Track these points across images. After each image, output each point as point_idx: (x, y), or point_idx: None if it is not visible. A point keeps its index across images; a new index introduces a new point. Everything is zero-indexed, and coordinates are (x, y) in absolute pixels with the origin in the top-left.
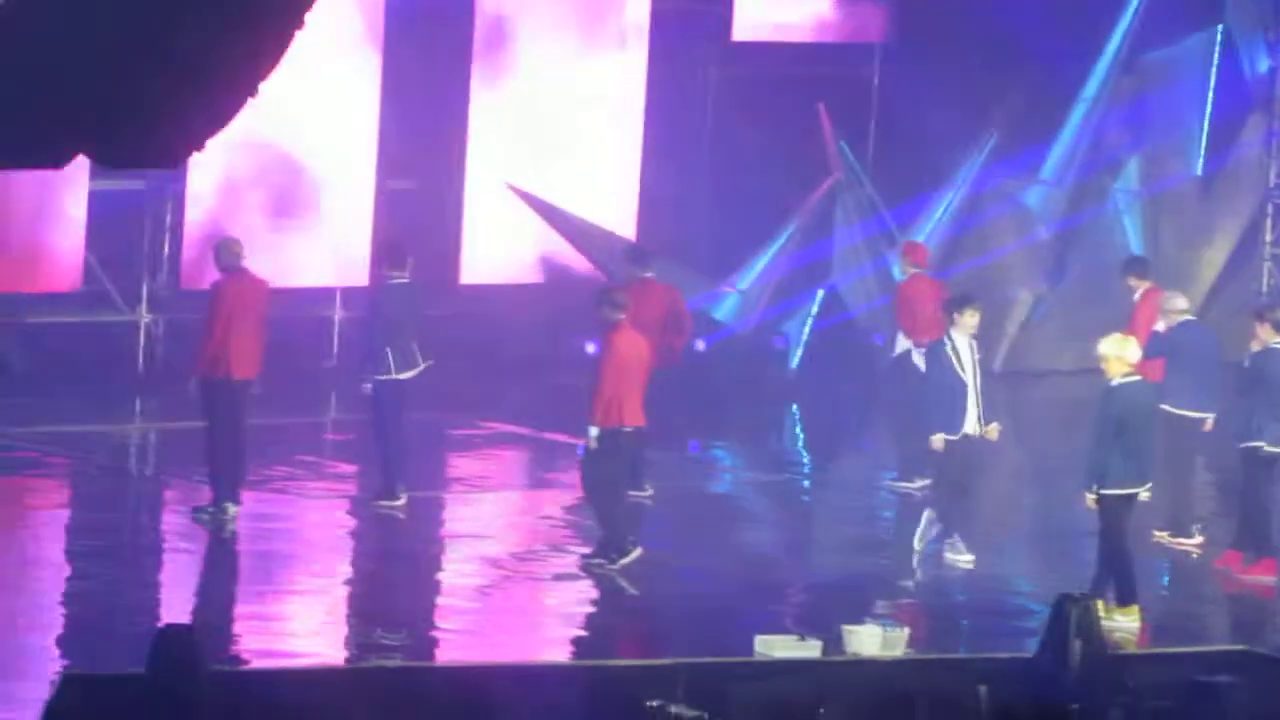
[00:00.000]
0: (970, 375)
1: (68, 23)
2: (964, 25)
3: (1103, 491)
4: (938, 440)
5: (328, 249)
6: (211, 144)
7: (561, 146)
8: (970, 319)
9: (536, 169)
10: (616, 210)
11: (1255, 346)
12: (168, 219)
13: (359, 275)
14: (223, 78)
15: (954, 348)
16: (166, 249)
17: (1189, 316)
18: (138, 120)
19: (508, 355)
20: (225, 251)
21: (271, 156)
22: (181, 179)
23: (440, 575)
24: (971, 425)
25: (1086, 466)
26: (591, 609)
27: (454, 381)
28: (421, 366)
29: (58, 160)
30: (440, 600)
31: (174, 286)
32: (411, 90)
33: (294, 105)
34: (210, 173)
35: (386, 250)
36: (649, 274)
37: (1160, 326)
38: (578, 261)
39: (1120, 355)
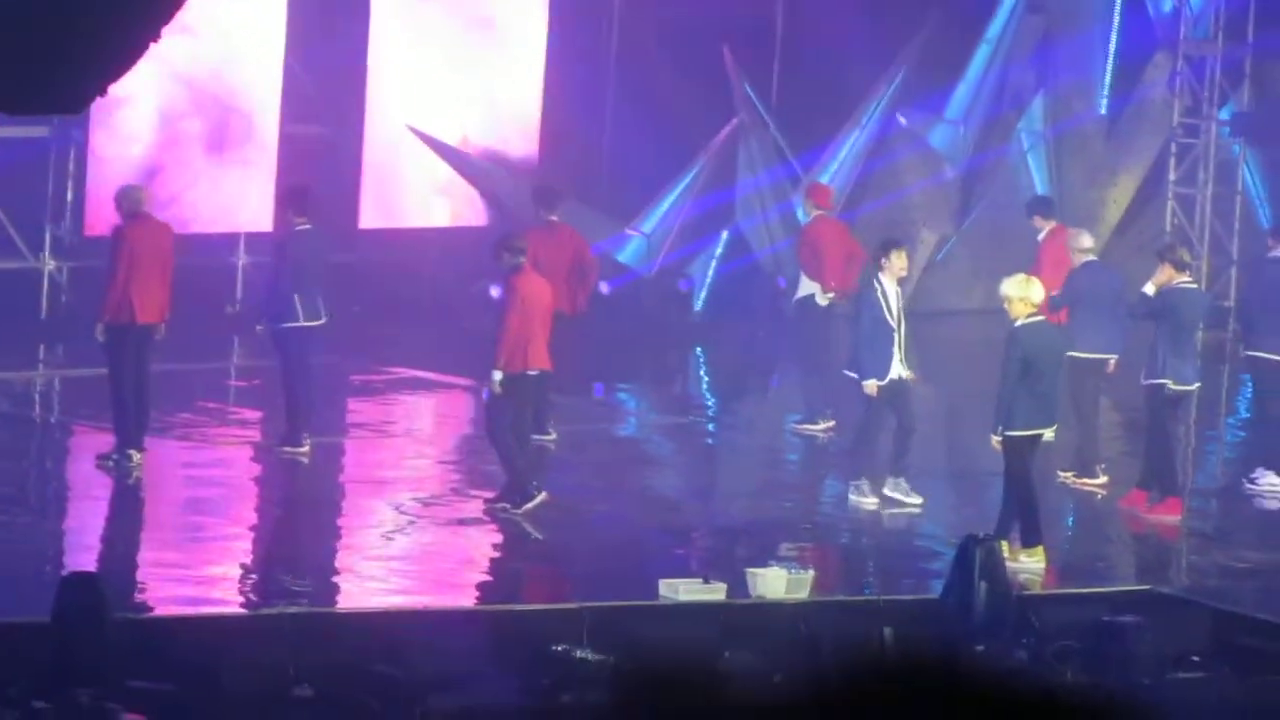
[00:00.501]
0: (897, 319)
1: None
2: None
3: (1008, 433)
4: (870, 386)
5: (232, 195)
6: (114, 88)
7: (463, 87)
8: (898, 261)
9: (439, 110)
10: (519, 151)
11: (1150, 288)
12: (70, 165)
13: (263, 221)
14: (125, 20)
15: (883, 292)
16: (70, 195)
17: (1092, 257)
18: (39, 65)
19: (410, 300)
20: (126, 198)
21: (177, 102)
22: (85, 124)
23: (345, 521)
24: (896, 370)
25: (994, 408)
26: (496, 554)
27: (357, 326)
28: (324, 318)
29: None
30: (345, 546)
31: (78, 233)
32: (314, 36)
33: (201, 50)
34: (115, 118)
35: (292, 197)
36: (554, 216)
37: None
38: (480, 204)
39: (1024, 296)
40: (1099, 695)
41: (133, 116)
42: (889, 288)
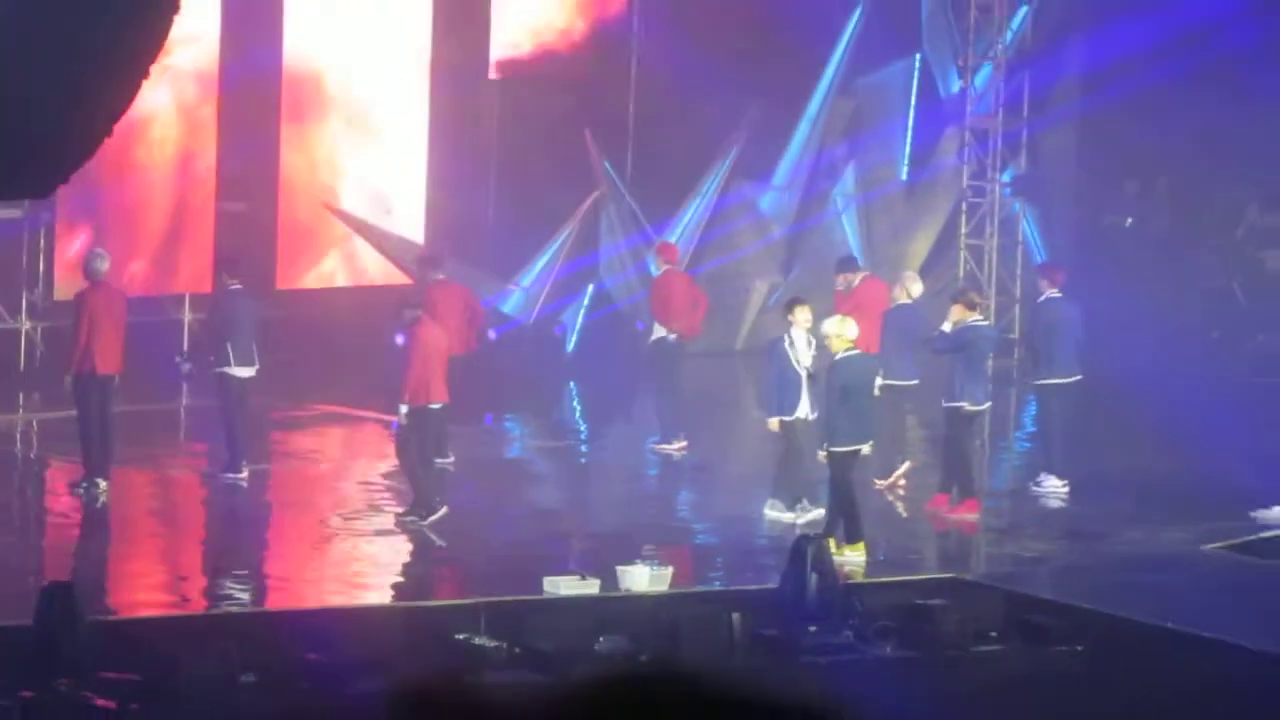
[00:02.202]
0: (804, 367)
1: None
2: (705, 55)
3: (832, 449)
4: (774, 423)
5: (177, 263)
6: (76, 176)
7: (357, 172)
8: (801, 315)
9: (343, 190)
10: (408, 223)
11: (947, 326)
12: (41, 241)
13: (204, 284)
14: (82, 120)
15: (791, 343)
16: (42, 266)
17: (907, 301)
18: (10, 160)
19: (327, 348)
20: (90, 265)
21: (129, 187)
22: (52, 206)
23: (279, 534)
24: (804, 410)
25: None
26: (407, 559)
27: (281, 371)
28: (256, 366)
29: None
30: (279, 555)
31: (49, 298)
32: (240, 134)
33: (144, 146)
34: (77, 201)
35: (225, 262)
36: (440, 275)
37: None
38: (384, 266)
39: (840, 333)
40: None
41: (92, 198)
42: (798, 339)
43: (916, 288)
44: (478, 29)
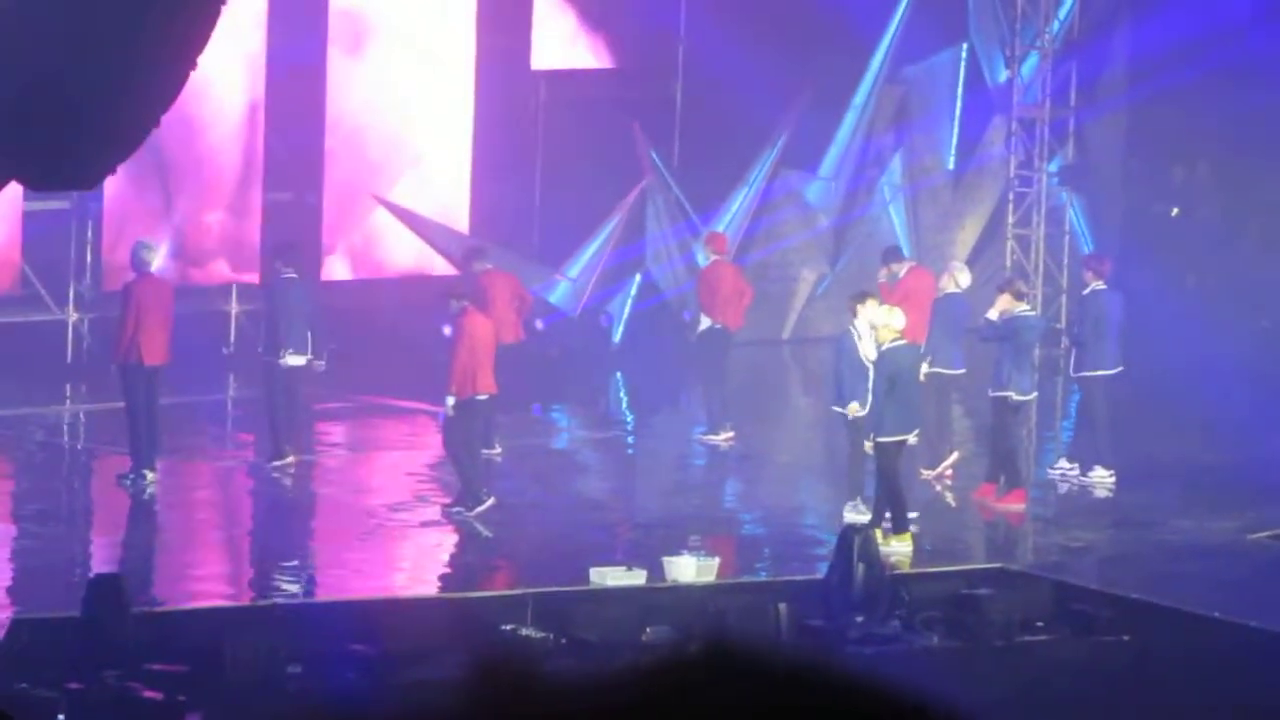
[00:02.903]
0: (870, 360)
1: None
2: (751, 46)
3: (879, 439)
4: (854, 407)
5: (226, 252)
6: (123, 167)
7: (407, 162)
8: (867, 309)
9: (389, 180)
10: (456, 214)
11: (994, 314)
12: (89, 233)
13: (251, 274)
14: (127, 113)
15: (859, 335)
16: (89, 258)
17: (956, 290)
18: (59, 150)
19: (374, 338)
20: (137, 256)
21: (176, 178)
22: (99, 197)
23: (325, 525)
24: (869, 404)
25: (867, 417)
26: (454, 550)
27: (332, 362)
28: (310, 355)
29: None
30: (325, 546)
31: (96, 289)
32: (289, 120)
33: (196, 135)
34: (124, 191)
35: (281, 249)
36: (489, 265)
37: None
38: (433, 257)
39: (888, 324)
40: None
41: (140, 190)
42: (865, 332)
43: (965, 277)
44: (522, 21)
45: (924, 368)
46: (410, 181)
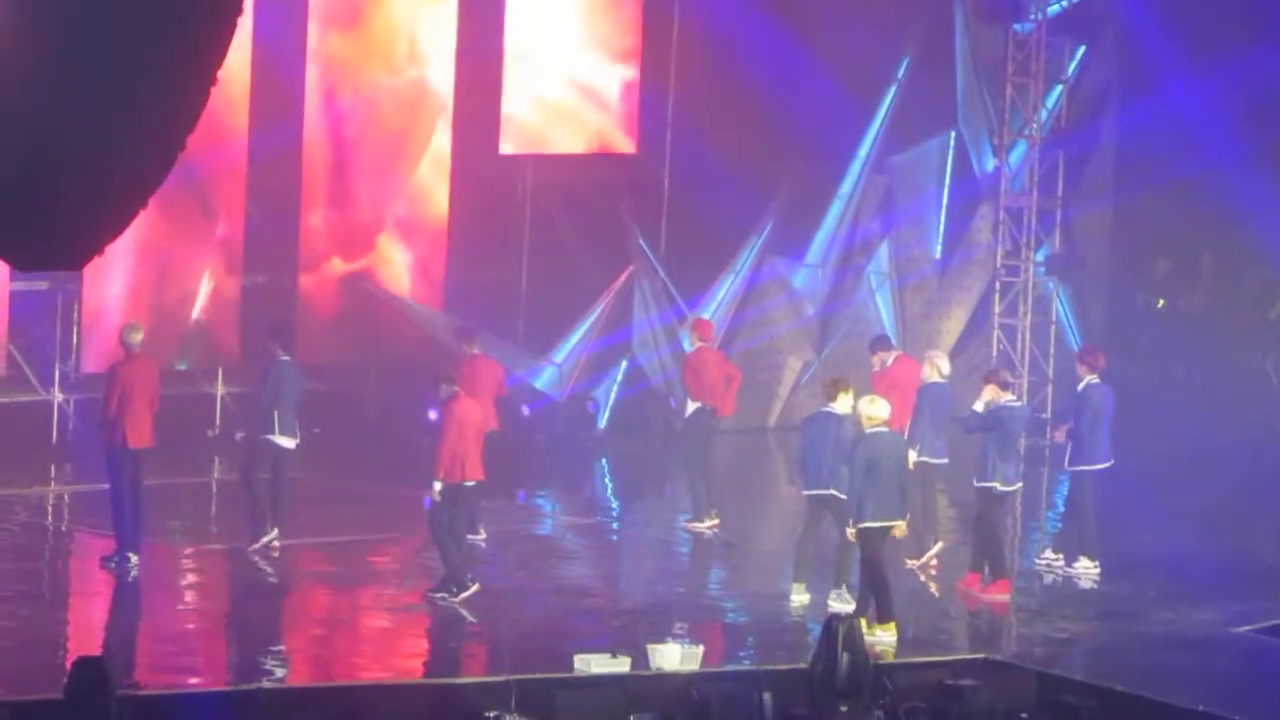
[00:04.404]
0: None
1: None
2: (738, 132)
3: (860, 525)
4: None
5: (204, 336)
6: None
7: (383, 247)
8: (844, 399)
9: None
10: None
11: (979, 405)
12: (74, 314)
13: (233, 357)
14: (115, 197)
15: (840, 420)
16: (75, 339)
17: (939, 378)
18: (45, 232)
19: (358, 422)
20: (125, 338)
21: (155, 263)
22: (78, 279)
23: (309, 608)
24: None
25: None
26: (437, 635)
27: (315, 446)
28: (298, 439)
29: None
30: (309, 629)
31: (79, 371)
32: (265, 207)
33: (174, 226)
34: (106, 275)
35: (276, 332)
36: (475, 349)
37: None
38: (417, 340)
39: (869, 414)
40: None
41: (119, 275)
42: (843, 413)
43: (945, 365)
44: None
45: (912, 455)
46: (392, 265)
